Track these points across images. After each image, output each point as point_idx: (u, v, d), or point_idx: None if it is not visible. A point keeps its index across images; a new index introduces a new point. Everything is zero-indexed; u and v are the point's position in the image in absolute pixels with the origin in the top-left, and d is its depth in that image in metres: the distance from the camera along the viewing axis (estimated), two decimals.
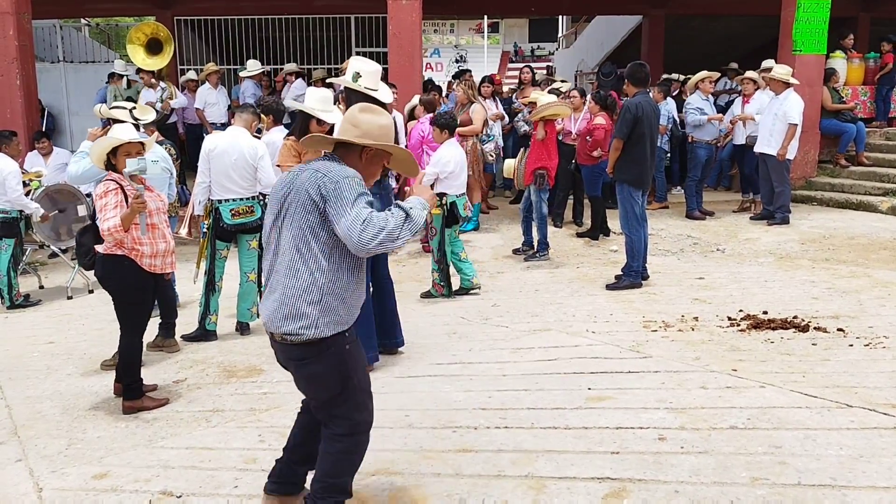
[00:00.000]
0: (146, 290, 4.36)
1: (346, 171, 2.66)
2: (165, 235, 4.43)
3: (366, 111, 2.83)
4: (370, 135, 2.76)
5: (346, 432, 2.80)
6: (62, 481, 3.45)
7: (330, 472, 2.82)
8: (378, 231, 2.52)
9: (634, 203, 6.25)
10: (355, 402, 2.79)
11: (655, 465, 3.22)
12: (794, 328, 5.02)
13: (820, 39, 9.90)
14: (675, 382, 4.15)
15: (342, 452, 2.81)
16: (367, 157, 2.79)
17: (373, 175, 2.87)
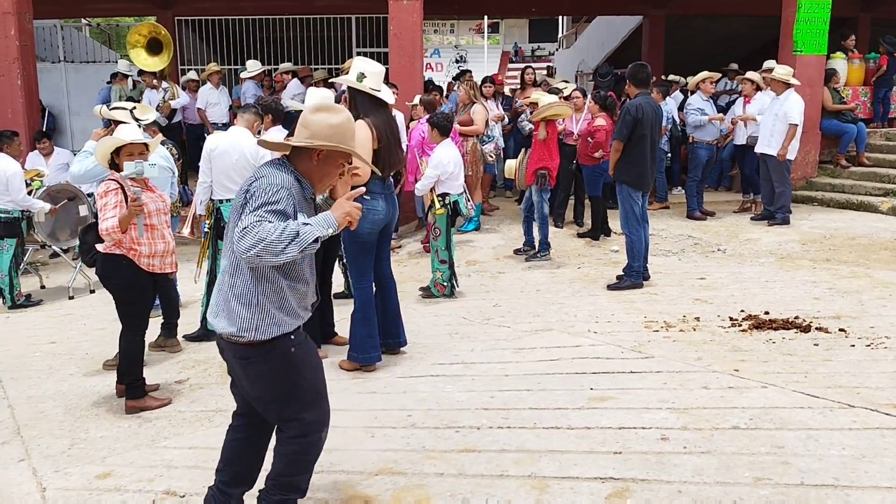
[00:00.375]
0: (145, 289, 4.37)
1: (276, 178, 2.60)
2: (165, 236, 4.44)
3: (319, 111, 2.78)
4: (319, 135, 2.70)
5: (297, 434, 2.77)
6: (65, 481, 3.45)
7: (283, 472, 2.82)
8: (256, 242, 2.44)
9: (634, 203, 6.25)
10: (304, 402, 2.76)
11: (658, 465, 3.23)
12: (795, 328, 5.02)
13: (820, 40, 9.91)
14: (677, 383, 4.16)
15: (295, 454, 2.80)
16: (319, 158, 2.73)
17: (327, 176, 2.79)
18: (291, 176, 2.67)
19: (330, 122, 2.72)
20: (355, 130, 2.85)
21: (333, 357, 4.90)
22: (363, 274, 4.65)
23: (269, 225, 2.47)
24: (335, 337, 5.22)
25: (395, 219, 4.82)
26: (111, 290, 4.39)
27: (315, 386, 2.80)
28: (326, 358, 4.90)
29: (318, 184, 2.80)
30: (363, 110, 4.47)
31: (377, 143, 4.40)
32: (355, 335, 4.65)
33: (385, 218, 4.57)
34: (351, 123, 2.79)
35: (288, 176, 2.65)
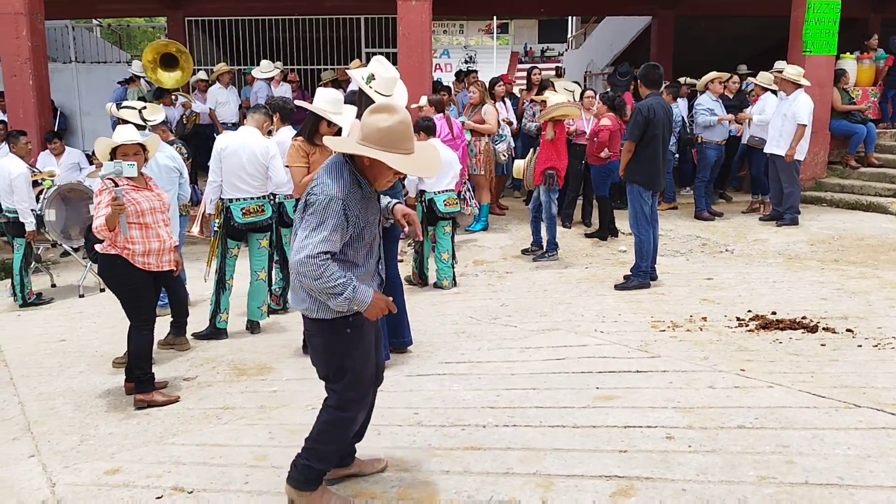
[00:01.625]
0: (142, 286, 4.41)
1: (329, 187, 2.77)
2: (160, 235, 4.44)
3: (375, 111, 2.85)
4: (369, 138, 2.80)
5: (334, 405, 3.03)
6: (75, 477, 3.49)
7: (314, 438, 3.05)
8: (310, 275, 2.74)
9: (644, 203, 6.26)
10: (349, 381, 2.99)
11: (663, 464, 3.23)
12: (802, 329, 5.02)
13: (830, 40, 9.88)
14: (683, 382, 4.16)
15: (328, 423, 3.04)
16: (369, 161, 2.83)
17: (380, 176, 2.88)
18: (349, 177, 2.83)
19: (378, 126, 2.80)
20: (407, 133, 2.85)
21: None
22: None
23: (329, 271, 2.73)
24: None
25: None
26: (111, 289, 4.50)
27: (360, 368, 3.00)
28: None
29: (374, 183, 2.91)
30: (362, 111, 4.50)
31: None
32: None
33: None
34: (403, 126, 2.82)
35: (342, 182, 2.81)
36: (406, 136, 2.83)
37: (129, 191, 4.36)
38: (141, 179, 4.50)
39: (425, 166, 2.97)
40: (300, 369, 4.79)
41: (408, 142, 2.84)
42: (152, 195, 4.49)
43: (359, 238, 2.89)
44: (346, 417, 3.03)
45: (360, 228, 2.87)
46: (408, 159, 2.83)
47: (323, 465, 3.06)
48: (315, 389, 4.38)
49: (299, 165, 4.79)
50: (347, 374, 2.98)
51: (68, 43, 13.61)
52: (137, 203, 4.35)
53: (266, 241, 5.68)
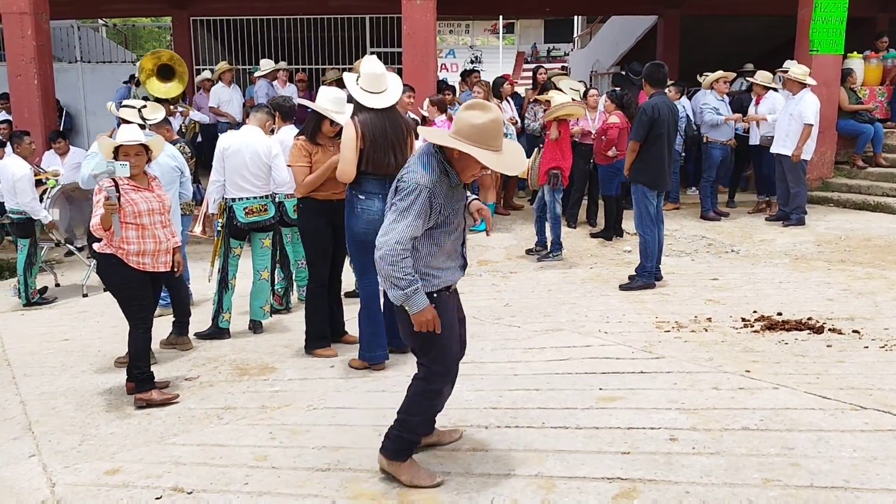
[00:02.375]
0: (137, 286, 4.38)
1: (418, 175, 2.99)
2: (157, 235, 4.41)
3: (470, 108, 3.03)
4: (461, 132, 2.99)
5: (422, 377, 3.24)
6: (75, 476, 3.47)
7: (404, 409, 3.26)
8: (386, 259, 2.97)
9: (649, 204, 6.22)
10: (435, 353, 3.18)
11: (666, 466, 3.20)
12: (808, 329, 4.97)
13: (837, 39, 9.81)
14: (687, 383, 4.13)
15: (416, 395, 3.25)
16: (458, 153, 3.01)
17: (467, 169, 3.07)
18: (437, 168, 3.04)
19: (472, 122, 2.98)
20: (498, 131, 3.01)
21: (344, 355, 4.90)
22: (366, 273, 4.64)
23: (404, 263, 2.97)
24: (345, 336, 5.22)
25: None
26: (107, 288, 4.51)
27: (445, 344, 3.17)
28: (336, 356, 4.92)
29: (461, 174, 3.09)
30: (354, 109, 4.50)
31: (362, 143, 4.40)
32: (362, 333, 4.66)
33: (382, 218, 4.54)
34: (495, 125, 2.99)
35: (431, 171, 3.02)
36: (497, 133, 3.01)
37: (128, 191, 4.34)
38: (144, 179, 4.48)
39: (511, 164, 3.11)
40: (302, 369, 4.77)
41: (498, 139, 3.02)
42: (152, 196, 4.45)
43: (445, 223, 3.10)
44: (433, 390, 3.23)
45: (445, 215, 3.07)
46: (495, 156, 3.01)
47: (412, 435, 3.25)
48: (318, 389, 4.39)
49: (301, 165, 4.77)
50: (434, 349, 3.16)
51: (74, 43, 13.65)
52: (134, 203, 4.33)
53: (269, 240, 5.67)
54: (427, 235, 3.08)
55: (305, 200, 4.85)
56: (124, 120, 5.34)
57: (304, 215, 4.93)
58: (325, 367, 4.79)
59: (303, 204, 4.89)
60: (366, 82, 4.47)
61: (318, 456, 3.52)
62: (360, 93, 4.44)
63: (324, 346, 5.00)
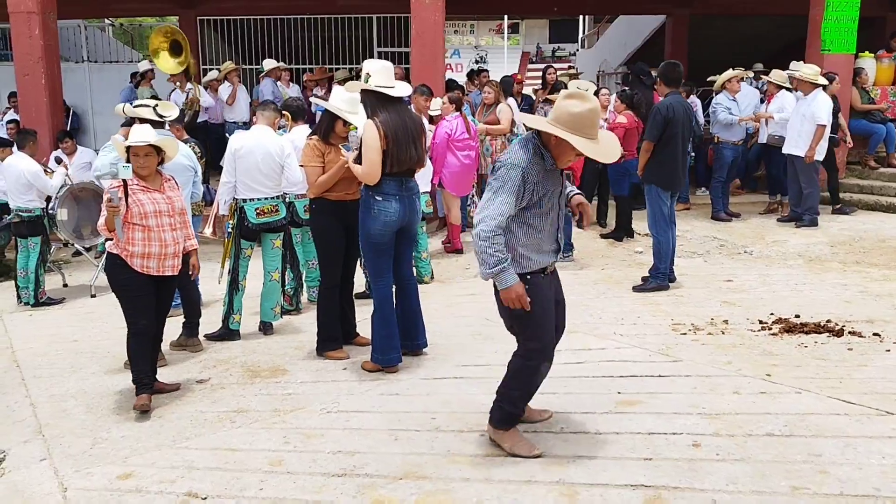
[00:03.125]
0: (137, 290, 4.28)
1: (516, 157, 3.20)
2: (163, 238, 4.30)
3: (569, 97, 3.17)
4: (559, 119, 3.14)
5: (521, 354, 3.43)
6: (87, 481, 3.42)
7: (506, 383, 3.47)
8: (481, 235, 3.17)
9: (663, 204, 6.14)
10: (530, 331, 3.36)
11: (691, 473, 3.14)
12: (827, 332, 4.90)
13: (849, 39, 9.72)
14: (707, 387, 4.06)
15: (516, 370, 3.44)
16: (556, 139, 3.16)
17: (563, 155, 3.22)
18: (533, 150, 3.22)
19: (571, 111, 3.13)
20: (595, 121, 3.16)
21: (356, 357, 4.84)
22: (380, 274, 4.59)
23: (497, 241, 3.15)
24: (357, 337, 5.16)
25: (416, 221, 4.72)
26: (111, 288, 4.44)
27: (539, 322, 3.34)
28: (348, 359, 4.86)
29: (558, 160, 3.26)
30: (371, 110, 4.44)
31: (385, 143, 4.34)
32: (375, 336, 4.60)
33: (399, 219, 4.49)
34: (592, 114, 3.15)
35: (528, 152, 3.21)
36: (594, 123, 3.16)
37: (137, 191, 4.26)
38: (156, 180, 4.39)
39: (606, 152, 3.25)
40: (314, 371, 4.71)
41: (594, 128, 3.17)
42: (161, 198, 4.35)
43: (538, 205, 3.25)
44: (530, 366, 3.40)
45: (538, 196, 3.23)
46: (591, 144, 3.16)
47: (512, 407, 3.45)
48: (331, 392, 4.33)
49: (314, 165, 4.71)
50: (528, 327, 3.34)
51: (80, 42, 13.61)
52: (141, 204, 4.25)
53: (279, 241, 5.61)
54: (520, 217, 3.24)
55: (318, 201, 4.79)
56: (142, 119, 5.28)
57: (316, 216, 4.86)
58: (337, 370, 4.73)
59: (315, 204, 4.83)
60: (379, 78, 4.41)
61: (333, 461, 3.46)
62: (381, 88, 4.38)
63: (335, 349, 4.93)
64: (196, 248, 4.64)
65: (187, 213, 4.61)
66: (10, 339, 5.91)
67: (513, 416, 3.46)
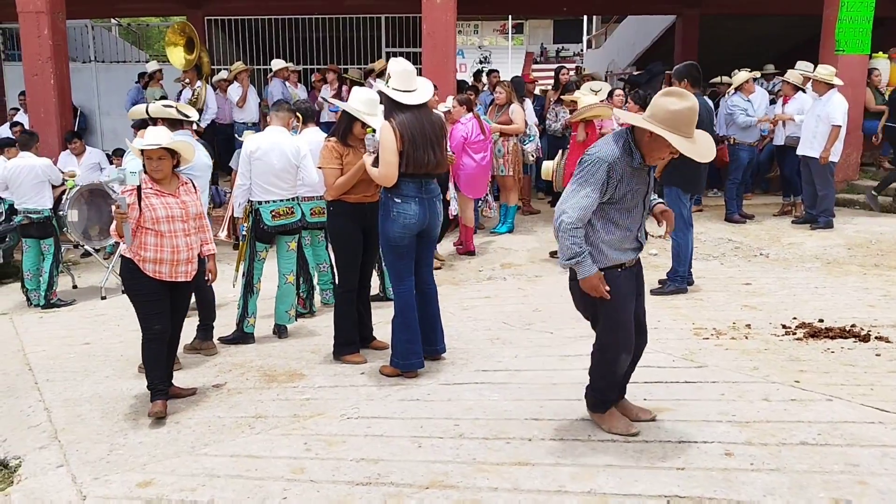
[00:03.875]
0: (149, 295, 4.19)
1: (604, 150, 3.23)
2: (176, 244, 4.18)
3: (667, 94, 3.18)
4: (656, 116, 3.16)
5: (597, 347, 3.53)
6: (106, 489, 3.36)
7: (592, 373, 3.60)
8: (560, 226, 3.24)
9: (683, 207, 6.06)
10: (605, 324, 3.44)
11: (725, 483, 3.06)
12: (853, 337, 4.81)
13: (864, 39, 9.65)
14: (735, 394, 3.98)
15: (596, 361, 3.56)
16: (650, 136, 3.18)
17: (655, 152, 3.24)
18: (623, 146, 3.24)
19: (668, 108, 3.14)
20: (692, 119, 3.17)
21: (374, 362, 4.77)
22: (401, 279, 4.51)
23: (577, 233, 3.23)
24: (373, 341, 5.09)
25: (437, 224, 4.63)
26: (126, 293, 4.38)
27: (615, 316, 3.40)
28: (366, 363, 4.79)
29: (648, 156, 3.27)
30: (388, 110, 4.37)
31: (401, 144, 4.26)
32: (396, 341, 4.52)
33: (419, 223, 4.41)
34: (691, 112, 3.16)
35: (618, 147, 3.23)
36: (691, 121, 3.17)
37: (150, 195, 4.16)
38: (172, 183, 4.26)
39: (703, 151, 3.23)
40: (332, 376, 4.64)
41: (691, 127, 3.18)
42: (175, 202, 4.21)
43: (621, 201, 3.26)
44: (607, 358, 3.47)
45: (622, 192, 3.24)
46: (688, 142, 3.16)
47: (601, 395, 3.56)
48: (350, 397, 4.26)
49: (332, 167, 4.64)
50: (603, 319, 3.41)
51: (88, 42, 13.55)
52: (153, 209, 4.14)
53: (294, 243, 5.54)
54: (602, 211, 3.27)
55: (336, 203, 4.72)
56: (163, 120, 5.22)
57: (334, 218, 4.79)
58: (355, 374, 4.65)
59: (333, 207, 4.76)
60: (398, 81, 4.34)
61: (356, 469, 3.39)
62: (395, 93, 4.31)
63: (353, 352, 4.86)
64: (214, 254, 4.57)
65: (205, 218, 4.53)
66: (22, 342, 5.85)
67: (604, 402, 3.57)
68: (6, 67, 13.47)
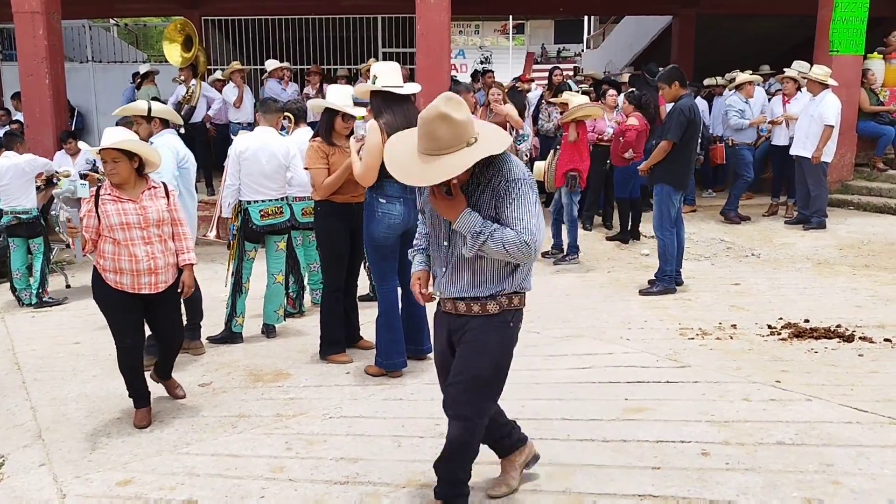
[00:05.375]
0: (116, 306, 3.97)
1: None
2: (134, 253, 3.86)
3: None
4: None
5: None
6: (86, 487, 3.38)
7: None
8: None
9: (672, 206, 6.08)
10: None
11: (700, 482, 3.07)
12: (838, 338, 4.83)
13: (858, 40, 9.64)
14: (716, 394, 3.99)
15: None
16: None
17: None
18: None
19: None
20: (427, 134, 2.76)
21: (359, 361, 4.79)
22: (385, 278, 4.53)
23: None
24: (360, 341, 5.11)
25: None
26: None
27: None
28: (352, 363, 4.81)
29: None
30: (376, 112, 4.39)
31: None
32: (380, 341, 4.54)
33: (404, 223, 4.43)
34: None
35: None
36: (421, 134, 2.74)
37: (106, 201, 3.87)
38: (133, 189, 3.91)
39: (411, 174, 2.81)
40: (317, 376, 4.66)
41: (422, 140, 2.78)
42: (133, 208, 3.87)
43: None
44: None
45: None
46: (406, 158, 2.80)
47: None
48: (334, 397, 4.28)
49: (319, 167, 4.66)
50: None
51: (85, 42, 13.58)
52: (107, 216, 3.85)
53: (283, 243, 5.55)
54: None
55: (324, 204, 4.74)
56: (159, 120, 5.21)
57: (321, 219, 4.81)
58: (340, 374, 4.67)
59: (321, 207, 4.78)
60: (386, 79, 4.36)
61: (335, 468, 3.41)
62: (394, 89, 4.32)
63: (339, 352, 4.88)
64: (190, 264, 4.14)
65: (182, 225, 4.12)
66: (12, 341, 5.87)
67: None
68: (3, 68, 13.51)
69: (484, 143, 2.61)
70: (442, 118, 2.54)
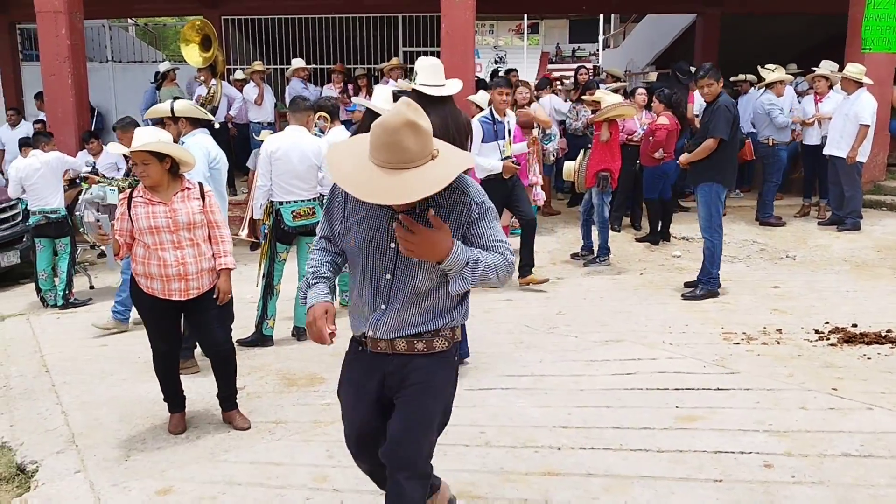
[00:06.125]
0: (149, 311, 3.89)
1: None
2: (163, 258, 3.74)
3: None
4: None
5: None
6: (125, 496, 3.28)
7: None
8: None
9: (721, 205, 5.94)
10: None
11: (766, 496, 2.93)
12: (890, 343, 4.67)
13: (891, 37, 9.44)
14: (770, 402, 3.85)
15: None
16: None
17: None
18: None
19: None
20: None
21: None
22: None
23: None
24: None
25: None
26: None
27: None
28: None
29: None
30: None
31: None
32: None
33: None
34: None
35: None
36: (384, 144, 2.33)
37: (138, 204, 3.79)
38: (166, 191, 3.80)
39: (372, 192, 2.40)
40: None
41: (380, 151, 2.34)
42: (163, 211, 3.77)
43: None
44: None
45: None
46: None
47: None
48: None
49: None
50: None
51: (105, 42, 13.56)
52: (136, 219, 3.77)
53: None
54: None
55: None
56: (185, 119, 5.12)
57: None
58: None
59: None
60: (424, 76, 4.24)
61: None
62: (421, 87, 4.21)
63: None
64: (227, 268, 3.97)
65: (219, 227, 3.98)
66: (39, 343, 5.79)
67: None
68: (24, 68, 13.50)
69: (449, 156, 2.25)
70: (410, 126, 2.14)
